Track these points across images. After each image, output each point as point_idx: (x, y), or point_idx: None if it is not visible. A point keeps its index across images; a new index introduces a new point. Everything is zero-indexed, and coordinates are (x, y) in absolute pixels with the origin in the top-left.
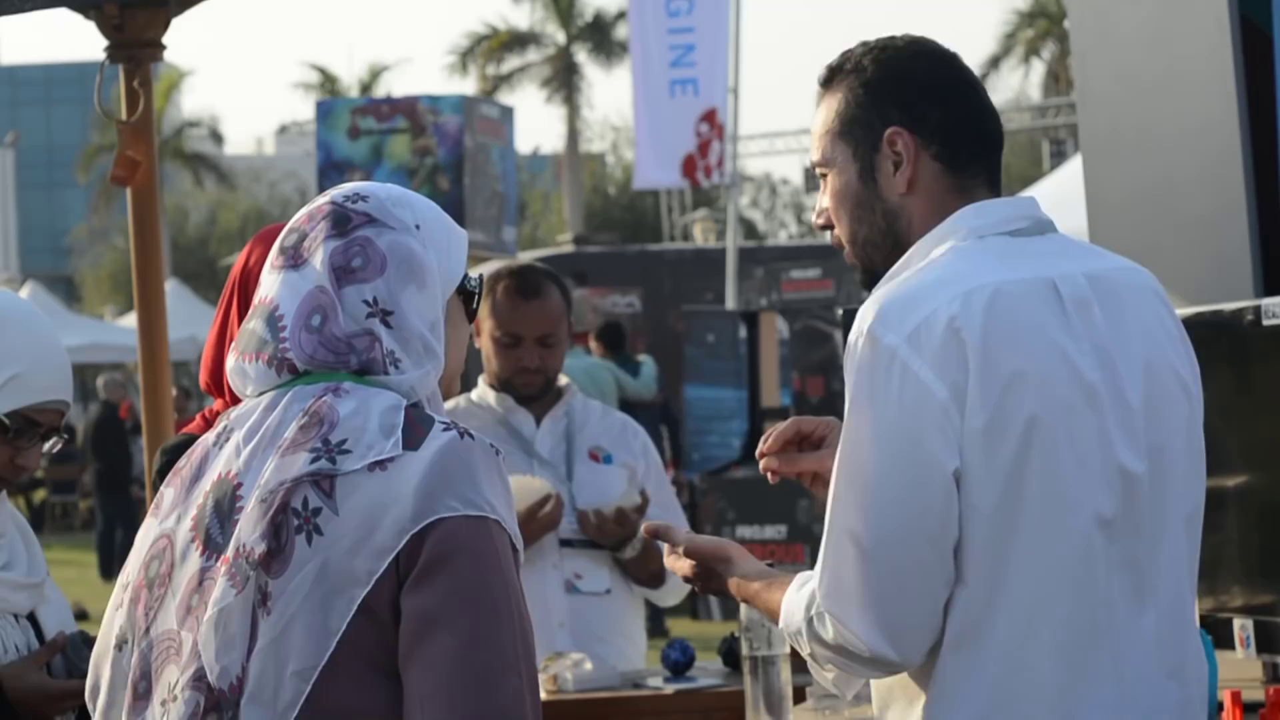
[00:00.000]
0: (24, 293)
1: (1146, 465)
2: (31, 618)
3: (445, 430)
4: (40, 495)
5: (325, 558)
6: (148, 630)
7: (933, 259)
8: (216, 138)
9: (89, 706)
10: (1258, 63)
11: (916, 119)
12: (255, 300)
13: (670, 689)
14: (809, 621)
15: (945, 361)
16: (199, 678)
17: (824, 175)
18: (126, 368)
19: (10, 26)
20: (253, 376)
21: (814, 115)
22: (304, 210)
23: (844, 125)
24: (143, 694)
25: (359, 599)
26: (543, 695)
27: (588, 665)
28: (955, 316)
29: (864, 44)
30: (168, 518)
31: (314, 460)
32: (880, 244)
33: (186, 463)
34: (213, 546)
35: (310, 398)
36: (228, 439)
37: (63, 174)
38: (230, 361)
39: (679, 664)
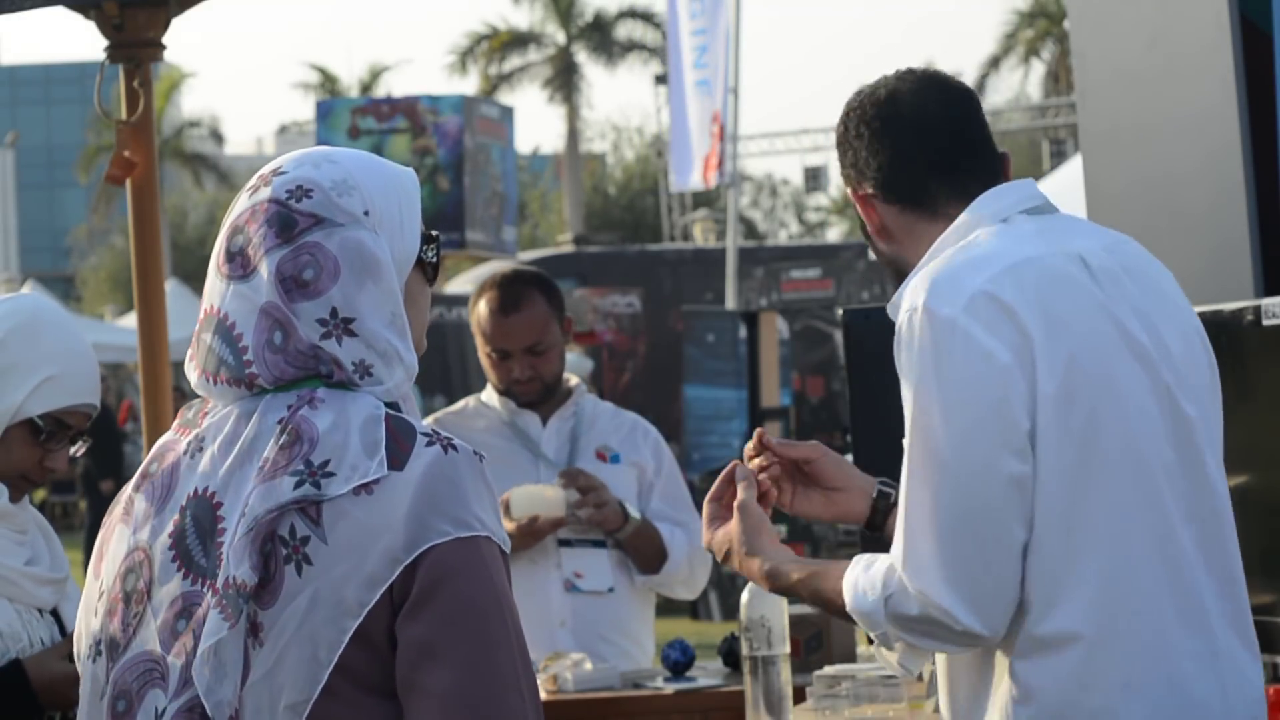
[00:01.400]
0: (24, 291)
1: (1197, 410)
2: (55, 614)
3: (429, 444)
4: (40, 495)
5: (316, 588)
6: (125, 647)
7: (968, 242)
8: (217, 138)
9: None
10: (1257, 62)
11: (864, 176)
12: (204, 306)
13: (670, 689)
14: (887, 600)
15: (1001, 329)
16: (191, 709)
17: None
18: (126, 368)
19: (10, 26)
20: (216, 395)
21: None
22: (246, 200)
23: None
24: (122, 713)
25: (351, 630)
26: (542, 695)
27: (588, 665)
28: (1004, 289)
29: None
30: (141, 528)
31: (298, 485)
32: (893, 278)
33: (158, 468)
34: (196, 569)
35: (285, 408)
36: (200, 449)
37: (63, 174)
38: (193, 379)
39: (679, 664)
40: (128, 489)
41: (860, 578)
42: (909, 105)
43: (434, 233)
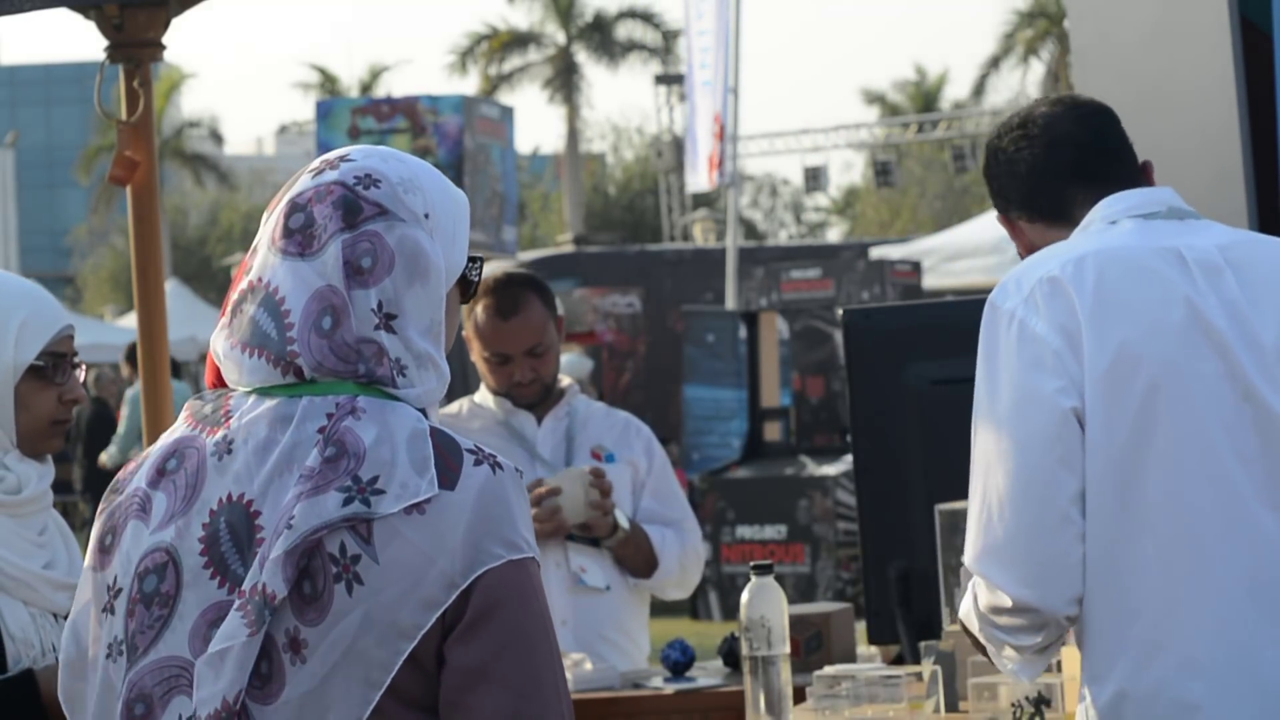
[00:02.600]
0: None
1: None
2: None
3: (477, 463)
4: None
5: (367, 608)
6: (146, 651)
7: (1065, 241)
8: (216, 138)
9: (65, 711)
10: (1257, 62)
11: (1009, 201)
12: (251, 278)
13: (670, 689)
14: (974, 599)
15: (1054, 313)
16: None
17: None
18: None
19: (10, 26)
20: (248, 369)
21: None
22: (308, 180)
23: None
24: (140, 717)
25: (405, 653)
26: None
27: (588, 665)
28: (1062, 275)
29: None
30: (163, 528)
31: (346, 502)
32: None
33: (177, 466)
34: (232, 578)
35: (324, 416)
36: (229, 451)
37: (63, 174)
38: (222, 346)
39: (679, 664)
40: (137, 483)
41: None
42: (1041, 124)
43: (478, 255)
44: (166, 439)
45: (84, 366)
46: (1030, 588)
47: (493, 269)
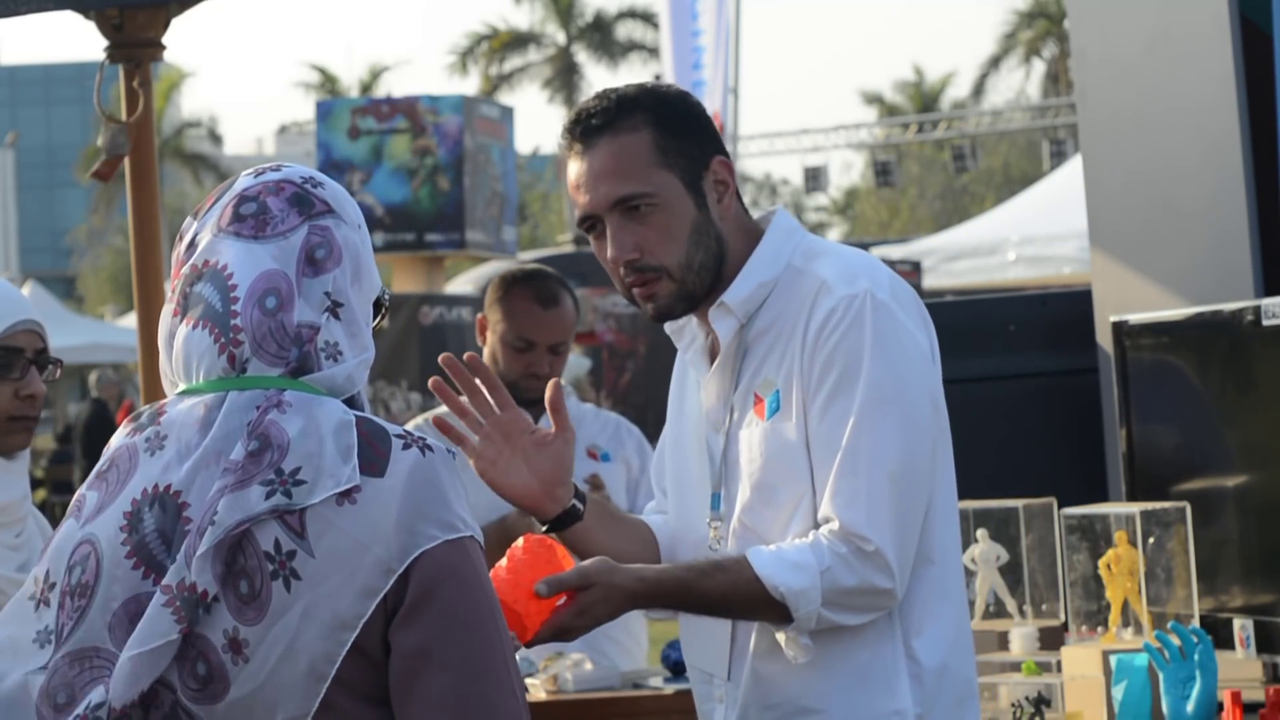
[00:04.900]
0: (24, 292)
1: None
2: None
3: (406, 448)
4: (40, 495)
5: (307, 603)
6: (66, 639)
7: (820, 244)
8: (216, 138)
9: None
10: (1257, 62)
11: (715, 145)
12: (195, 261)
13: (670, 689)
14: (823, 574)
15: (917, 317)
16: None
17: (638, 207)
18: (126, 368)
19: (10, 26)
20: (183, 340)
21: (599, 157)
22: (252, 179)
23: (664, 155)
24: (63, 705)
25: (348, 643)
26: (543, 695)
27: (588, 665)
28: (902, 281)
29: (628, 88)
30: (90, 522)
31: (269, 495)
32: (711, 266)
33: (110, 465)
34: (156, 568)
35: (253, 409)
36: (161, 446)
37: (63, 174)
38: (182, 328)
39: (679, 664)
40: (80, 491)
41: (781, 560)
42: None
43: (387, 288)
44: (109, 449)
45: (56, 365)
46: (901, 577)
47: (506, 264)
